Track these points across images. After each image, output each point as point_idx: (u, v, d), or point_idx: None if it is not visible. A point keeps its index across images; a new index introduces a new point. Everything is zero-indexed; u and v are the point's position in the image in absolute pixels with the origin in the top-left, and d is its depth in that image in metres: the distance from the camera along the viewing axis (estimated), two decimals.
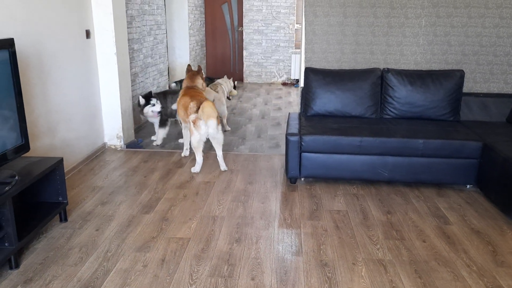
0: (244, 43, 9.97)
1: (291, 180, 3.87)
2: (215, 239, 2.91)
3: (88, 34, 4.36)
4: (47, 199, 3.08)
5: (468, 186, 3.83)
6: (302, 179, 3.95)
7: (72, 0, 4.02)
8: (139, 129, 5.74)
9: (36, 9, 3.47)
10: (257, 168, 4.26)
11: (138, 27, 5.83)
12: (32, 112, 3.43)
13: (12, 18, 3.17)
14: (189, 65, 4.75)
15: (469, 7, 4.31)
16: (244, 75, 10.12)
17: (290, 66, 9.87)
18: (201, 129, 3.96)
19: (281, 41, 9.88)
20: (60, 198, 3.09)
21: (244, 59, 10.06)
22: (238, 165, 4.33)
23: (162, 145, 5.06)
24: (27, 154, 3.05)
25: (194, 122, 3.96)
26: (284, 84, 9.84)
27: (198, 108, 3.95)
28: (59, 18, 3.82)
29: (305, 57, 4.56)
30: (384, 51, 4.49)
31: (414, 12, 4.37)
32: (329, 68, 4.52)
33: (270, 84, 9.95)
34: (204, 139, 4.05)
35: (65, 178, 3.19)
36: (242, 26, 9.93)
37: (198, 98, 4.13)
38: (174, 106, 4.99)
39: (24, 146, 2.83)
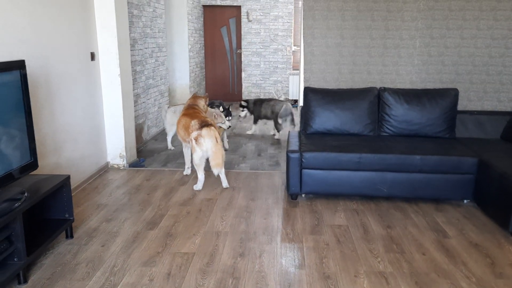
0: (242, 64, 10.16)
1: (292, 196, 3.95)
2: (219, 253, 2.96)
3: (92, 56, 4.49)
4: (54, 216, 3.14)
5: (465, 201, 3.91)
6: (303, 195, 4.03)
7: (78, 23, 4.17)
8: (140, 149, 5.82)
9: (45, 33, 3.60)
10: (258, 185, 4.33)
11: (140, 49, 5.98)
12: (39, 131, 3.52)
13: (22, 41, 3.30)
14: (195, 93, 5.05)
15: (461, 28, 4.47)
16: (243, 96, 10.28)
17: (288, 87, 10.05)
18: (203, 146, 4.05)
19: (279, 62, 10.08)
20: (67, 215, 3.15)
21: (243, 81, 10.23)
22: (239, 183, 4.41)
23: (164, 164, 5.14)
24: (33, 172, 3.12)
25: (196, 140, 4.05)
26: None
27: (200, 125, 4.05)
28: (65, 41, 3.95)
29: (304, 77, 4.70)
30: (380, 71, 4.63)
31: (408, 34, 4.53)
32: (327, 87, 4.65)
33: None
34: (207, 156, 4.13)
35: None
36: (240, 48, 10.14)
37: (198, 117, 4.24)
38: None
39: (33, 164, 2.91)
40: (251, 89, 10.25)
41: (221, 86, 10.40)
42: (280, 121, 6.51)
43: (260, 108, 6.66)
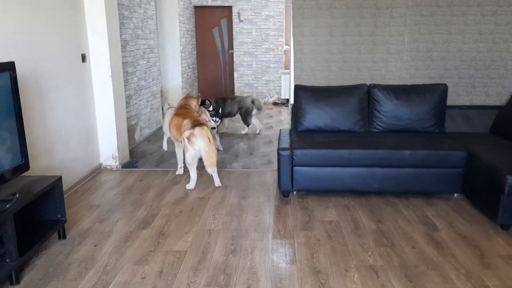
0: (234, 65, 10.19)
1: (284, 193, 3.98)
2: (211, 251, 2.99)
3: (83, 58, 4.50)
4: (46, 217, 3.15)
5: (455, 195, 3.96)
6: (295, 192, 4.06)
7: (68, 25, 4.17)
8: (133, 150, 5.83)
9: (35, 35, 3.61)
10: (250, 184, 4.36)
11: (132, 50, 5.99)
12: (30, 134, 3.52)
13: (13, 43, 3.30)
14: (187, 94, 5.03)
15: (449, 24, 4.52)
16: None
17: (280, 86, 10.08)
18: (195, 145, 4.07)
19: (270, 62, 10.12)
20: (59, 216, 3.16)
21: (235, 80, 10.25)
22: (231, 181, 4.43)
23: (157, 165, 5.16)
24: (26, 174, 3.13)
25: (188, 139, 4.07)
26: (275, 103, 10.02)
27: (193, 125, 4.07)
28: (56, 43, 3.95)
29: (294, 75, 4.72)
30: (370, 68, 4.67)
31: (397, 30, 4.57)
32: (317, 85, 4.68)
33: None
34: (199, 155, 4.15)
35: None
36: (232, 49, 10.17)
37: (191, 116, 4.26)
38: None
39: (24, 165, 2.91)
40: (243, 89, 10.27)
41: (213, 86, 10.42)
42: (254, 112, 6.74)
43: (224, 106, 6.63)
